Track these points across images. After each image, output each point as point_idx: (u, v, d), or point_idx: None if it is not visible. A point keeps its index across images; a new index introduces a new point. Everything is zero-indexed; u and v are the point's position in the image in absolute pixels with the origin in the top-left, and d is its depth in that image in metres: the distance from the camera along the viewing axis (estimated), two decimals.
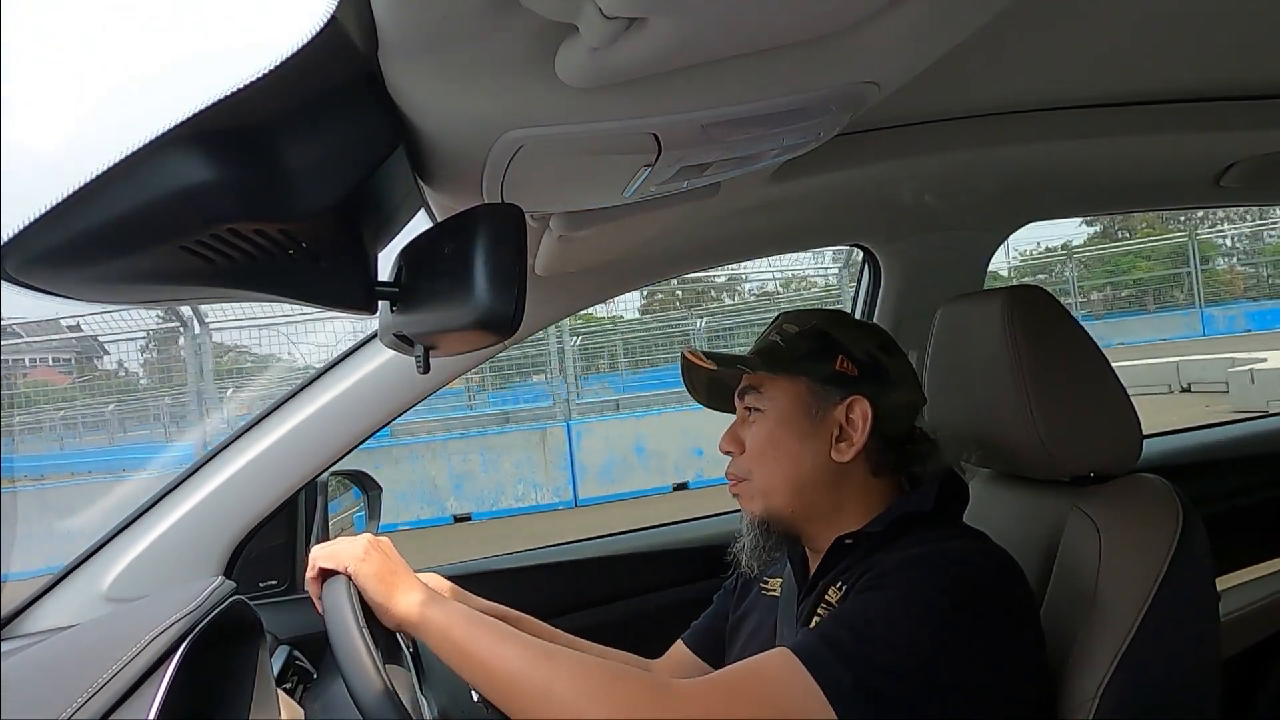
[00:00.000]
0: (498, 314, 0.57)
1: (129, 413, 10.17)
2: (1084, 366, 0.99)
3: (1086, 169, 1.46)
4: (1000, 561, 0.84)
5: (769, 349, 0.97)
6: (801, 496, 0.93)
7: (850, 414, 0.92)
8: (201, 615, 0.72)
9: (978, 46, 0.72)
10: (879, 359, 0.95)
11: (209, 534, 1.23)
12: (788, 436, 0.93)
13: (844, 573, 0.89)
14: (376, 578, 0.82)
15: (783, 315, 1.02)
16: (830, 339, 0.95)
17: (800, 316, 0.99)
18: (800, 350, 0.95)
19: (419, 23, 0.48)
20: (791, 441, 0.93)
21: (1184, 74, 1.12)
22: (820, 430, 0.92)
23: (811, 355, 0.94)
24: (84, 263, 0.53)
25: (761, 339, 1.00)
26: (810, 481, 0.92)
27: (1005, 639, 0.79)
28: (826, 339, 0.95)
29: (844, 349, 0.94)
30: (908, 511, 0.90)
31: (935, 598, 0.77)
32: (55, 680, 0.65)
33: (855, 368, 0.93)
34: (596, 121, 0.59)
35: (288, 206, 0.54)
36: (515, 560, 1.53)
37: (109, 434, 9.91)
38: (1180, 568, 0.90)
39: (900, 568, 0.81)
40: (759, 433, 0.95)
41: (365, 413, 1.28)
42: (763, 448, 0.94)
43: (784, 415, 0.93)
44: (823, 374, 0.93)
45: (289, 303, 0.64)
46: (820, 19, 0.51)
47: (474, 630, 0.79)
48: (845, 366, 0.93)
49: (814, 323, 0.97)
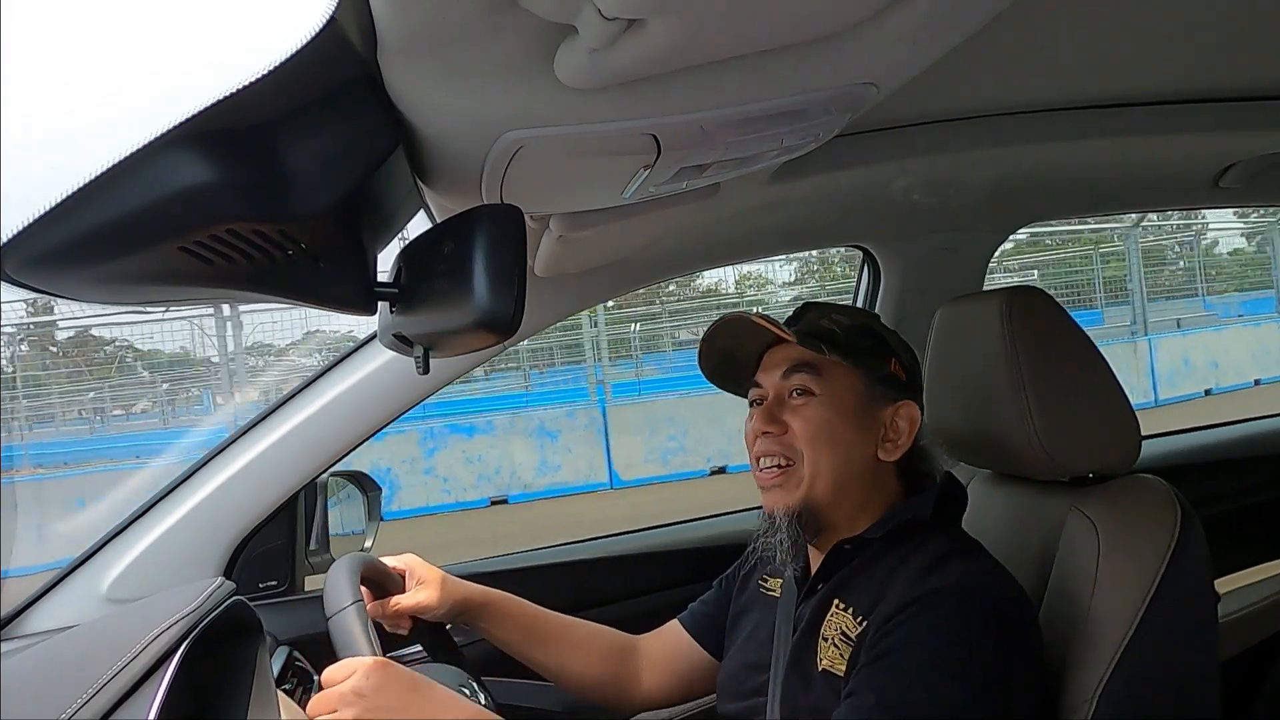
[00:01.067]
0: (497, 315, 0.57)
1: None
2: (1082, 367, 0.99)
3: (1086, 170, 1.46)
4: (1007, 586, 0.85)
5: (829, 333, 0.93)
6: (842, 489, 0.91)
7: (897, 418, 0.93)
8: (201, 616, 0.72)
9: (977, 47, 0.72)
10: (917, 369, 0.97)
11: (209, 534, 1.23)
12: (844, 425, 0.91)
13: (847, 581, 0.90)
14: None
15: (815, 306, 0.98)
16: (883, 341, 0.96)
17: (844, 311, 0.98)
18: (859, 344, 0.93)
19: (418, 24, 0.48)
20: (846, 431, 0.91)
21: (1183, 75, 1.12)
22: (872, 425, 0.93)
23: (870, 352, 0.94)
24: (83, 263, 0.53)
25: (809, 323, 0.96)
26: (854, 475, 0.92)
27: (1023, 668, 0.82)
28: (880, 340, 0.95)
29: (895, 353, 0.95)
30: (906, 520, 0.90)
31: (962, 649, 0.78)
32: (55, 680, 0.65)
33: (905, 373, 0.95)
34: (596, 122, 0.60)
35: (287, 207, 0.54)
36: (515, 561, 1.53)
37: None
38: (1178, 568, 0.90)
39: (917, 611, 0.80)
40: (814, 416, 0.91)
41: (365, 413, 1.28)
42: (816, 431, 0.91)
43: (841, 404, 0.92)
44: (880, 372, 0.93)
45: (289, 303, 0.64)
46: (819, 20, 0.51)
47: None
48: (897, 370, 0.94)
49: (864, 319, 0.97)
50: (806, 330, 0.94)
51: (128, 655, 0.65)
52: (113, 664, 0.64)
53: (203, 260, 0.55)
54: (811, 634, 0.89)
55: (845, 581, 0.90)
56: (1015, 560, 0.99)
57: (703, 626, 1.14)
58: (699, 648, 1.13)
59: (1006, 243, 2.03)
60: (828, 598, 0.90)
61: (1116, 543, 0.92)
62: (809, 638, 0.89)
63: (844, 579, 0.90)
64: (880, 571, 0.87)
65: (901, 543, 0.89)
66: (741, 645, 1.04)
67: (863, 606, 0.86)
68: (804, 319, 0.97)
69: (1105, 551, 0.91)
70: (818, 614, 0.90)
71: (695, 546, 1.56)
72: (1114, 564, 0.91)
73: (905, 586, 0.83)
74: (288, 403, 1.28)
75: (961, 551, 0.88)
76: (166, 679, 0.65)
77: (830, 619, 0.88)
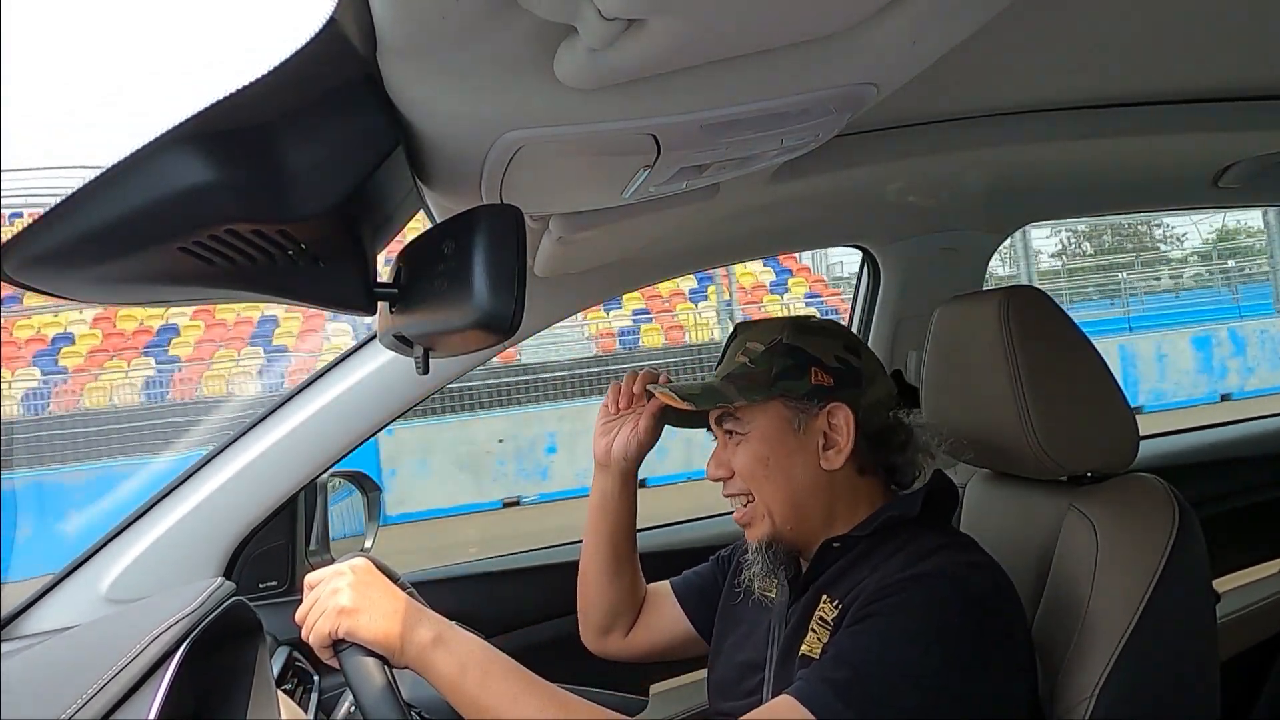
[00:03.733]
0: (497, 315, 0.57)
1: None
2: (1080, 366, 1.00)
3: (1085, 170, 1.46)
4: (993, 578, 0.85)
5: (740, 373, 0.95)
6: (799, 510, 0.93)
7: (833, 420, 0.92)
8: (201, 616, 0.72)
9: (977, 47, 0.72)
10: (849, 361, 0.95)
11: (209, 535, 1.23)
12: (775, 454, 0.93)
13: (836, 579, 0.90)
14: (376, 627, 0.80)
15: (741, 330, 1.00)
16: (799, 352, 0.94)
17: (761, 330, 0.97)
18: (772, 370, 0.93)
19: (418, 24, 0.48)
20: (780, 458, 0.93)
21: (1183, 74, 1.12)
22: (807, 442, 0.92)
23: (785, 373, 0.93)
24: (84, 263, 0.53)
25: (728, 360, 0.99)
26: (805, 493, 0.93)
27: (998, 658, 0.80)
28: (796, 353, 0.94)
29: (815, 360, 0.94)
30: (894, 516, 0.90)
31: (928, 625, 0.78)
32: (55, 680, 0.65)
33: (830, 376, 0.93)
34: (596, 122, 0.60)
35: (287, 207, 0.54)
36: (510, 563, 1.53)
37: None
38: (1176, 567, 0.90)
39: (894, 591, 0.81)
40: (746, 455, 0.94)
41: (365, 413, 1.28)
42: (753, 469, 0.94)
43: (767, 435, 0.93)
44: (800, 391, 0.92)
45: (288, 304, 0.64)
46: (820, 20, 0.51)
47: (485, 679, 0.78)
48: (820, 378, 0.93)
49: (778, 337, 0.95)
50: (724, 372, 0.97)
51: (128, 655, 0.65)
52: (113, 664, 0.64)
53: (203, 260, 0.55)
54: (800, 629, 0.90)
55: (834, 578, 0.91)
56: (1014, 559, 0.99)
57: (691, 594, 1.16)
58: (681, 613, 1.15)
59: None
60: (817, 594, 0.91)
61: (1115, 541, 0.92)
62: (798, 632, 0.90)
63: (833, 576, 0.91)
64: (867, 568, 0.88)
65: (890, 539, 0.89)
66: (738, 645, 1.04)
67: (846, 596, 0.87)
68: (725, 356, 1.00)
69: (1104, 550, 0.91)
70: (808, 610, 0.91)
71: (694, 546, 1.56)
72: (1112, 563, 0.91)
73: (887, 574, 0.84)
74: (288, 403, 1.28)
75: (949, 545, 0.88)
76: (166, 679, 0.65)
77: (817, 612, 0.89)
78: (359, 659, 0.79)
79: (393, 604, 0.82)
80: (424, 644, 0.80)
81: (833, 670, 0.78)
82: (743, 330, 1.00)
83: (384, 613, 0.81)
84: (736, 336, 1.00)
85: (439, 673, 0.79)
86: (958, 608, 0.79)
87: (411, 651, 0.80)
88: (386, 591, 0.83)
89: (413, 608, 0.82)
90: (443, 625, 0.82)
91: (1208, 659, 0.93)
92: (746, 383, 0.94)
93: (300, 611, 0.83)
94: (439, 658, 0.79)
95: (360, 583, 0.83)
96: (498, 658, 0.81)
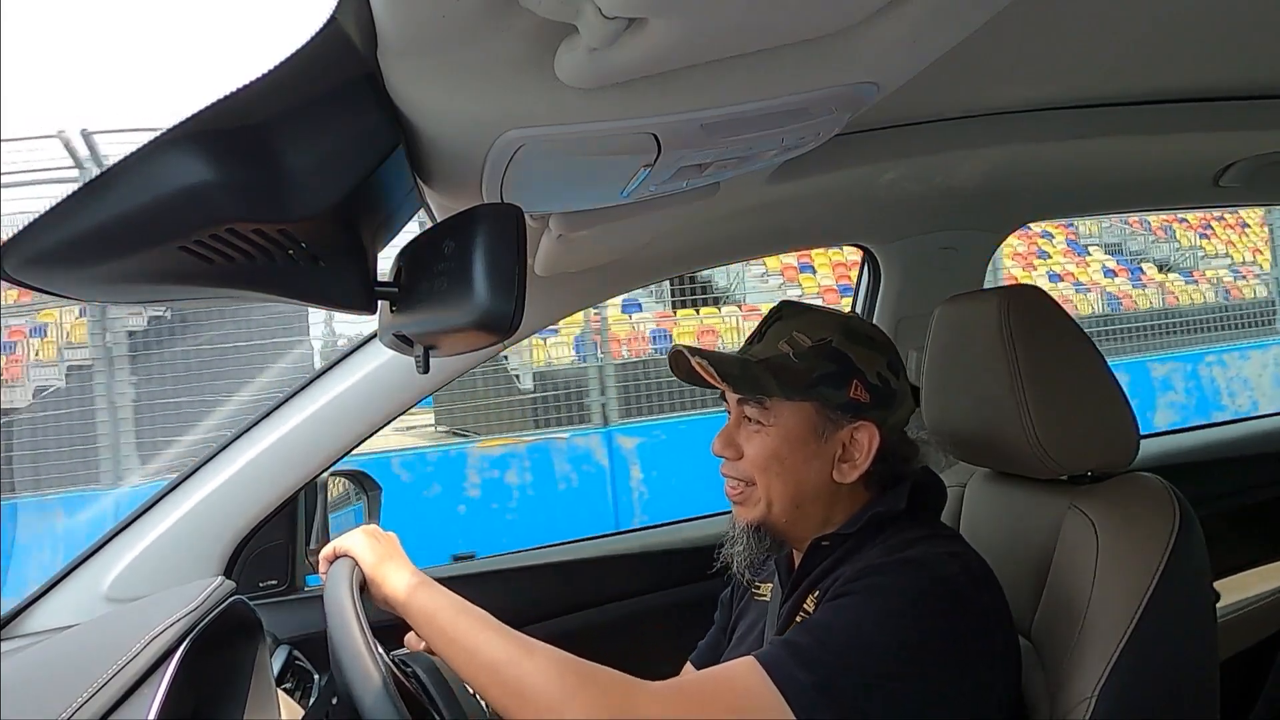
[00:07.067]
0: (497, 314, 0.57)
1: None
2: (1080, 365, 0.99)
3: (1086, 169, 1.46)
4: (967, 565, 0.84)
5: (781, 363, 0.92)
6: (799, 510, 0.93)
7: (856, 435, 0.91)
8: (201, 615, 0.72)
9: (977, 47, 0.72)
10: (889, 381, 0.92)
11: (209, 534, 1.23)
12: (792, 455, 0.91)
13: (822, 576, 0.90)
14: (371, 553, 0.89)
15: (788, 314, 0.96)
16: (846, 361, 0.91)
17: (810, 323, 0.93)
18: (815, 371, 0.90)
19: (418, 23, 0.48)
20: (796, 460, 0.91)
21: (1183, 74, 1.12)
22: (825, 450, 0.91)
23: (826, 379, 0.90)
24: (84, 262, 0.53)
25: (768, 341, 0.94)
26: (809, 497, 0.92)
27: (969, 644, 0.80)
28: (842, 361, 0.91)
29: (859, 374, 0.91)
30: (880, 512, 0.90)
31: (897, 603, 0.79)
32: (55, 680, 0.65)
33: (868, 394, 0.91)
34: (596, 121, 0.59)
35: (287, 207, 0.54)
36: (510, 561, 1.53)
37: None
38: (1177, 566, 0.90)
39: (866, 574, 0.82)
40: (762, 447, 0.92)
41: (365, 413, 1.28)
42: (766, 463, 0.92)
43: (789, 435, 0.91)
44: (836, 401, 0.90)
45: (288, 303, 0.64)
46: (820, 19, 0.51)
47: (458, 616, 0.82)
48: (858, 393, 0.90)
49: (828, 337, 0.92)
50: (762, 355, 0.93)
51: (128, 655, 0.65)
52: (113, 664, 0.64)
53: (203, 260, 0.55)
54: (787, 626, 0.90)
55: (823, 575, 0.91)
56: (1014, 559, 0.99)
57: (712, 657, 1.13)
58: None
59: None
60: (806, 591, 0.91)
61: (1115, 541, 0.92)
62: (785, 629, 0.90)
63: (820, 574, 0.91)
64: (849, 561, 0.88)
65: (877, 535, 0.89)
66: (734, 648, 1.05)
67: (829, 588, 0.87)
68: (765, 336, 0.95)
69: (1103, 550, 0.91)
70: (795, 608, 0.91)
71: (693, 546, 1.56)
72: (1112, 562, 0.91)
73: (867, 560, 0.85)
74: (288, 402, 1.28)
75: (931, 536, 0.88)
76: (166, 679, 0.65)
77: (803, 607, 0.90)
78: (340, 566, 0.88)
79: (395, 555, 0.91)
80: (405, 582, 0.87)
81: (796, 636, 0.78)
82: (789, 315, 0.96)
83: (386, 554, 0.90)
84: (781, 319, 0.96)
85: (415, 606, 0.85)
86: (931, 591, 0.80)
87: (391, 584, 0.87)
88: (396, 549, 0.92)
89: (410, 565, 0.90)
90: (428, 579, 0.88)
91: (1208, 658, 0.93)
92: (786, 376, 0.91)
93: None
94: (418, 594, 0.85)
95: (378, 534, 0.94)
96: (472, 606, 0.84)
